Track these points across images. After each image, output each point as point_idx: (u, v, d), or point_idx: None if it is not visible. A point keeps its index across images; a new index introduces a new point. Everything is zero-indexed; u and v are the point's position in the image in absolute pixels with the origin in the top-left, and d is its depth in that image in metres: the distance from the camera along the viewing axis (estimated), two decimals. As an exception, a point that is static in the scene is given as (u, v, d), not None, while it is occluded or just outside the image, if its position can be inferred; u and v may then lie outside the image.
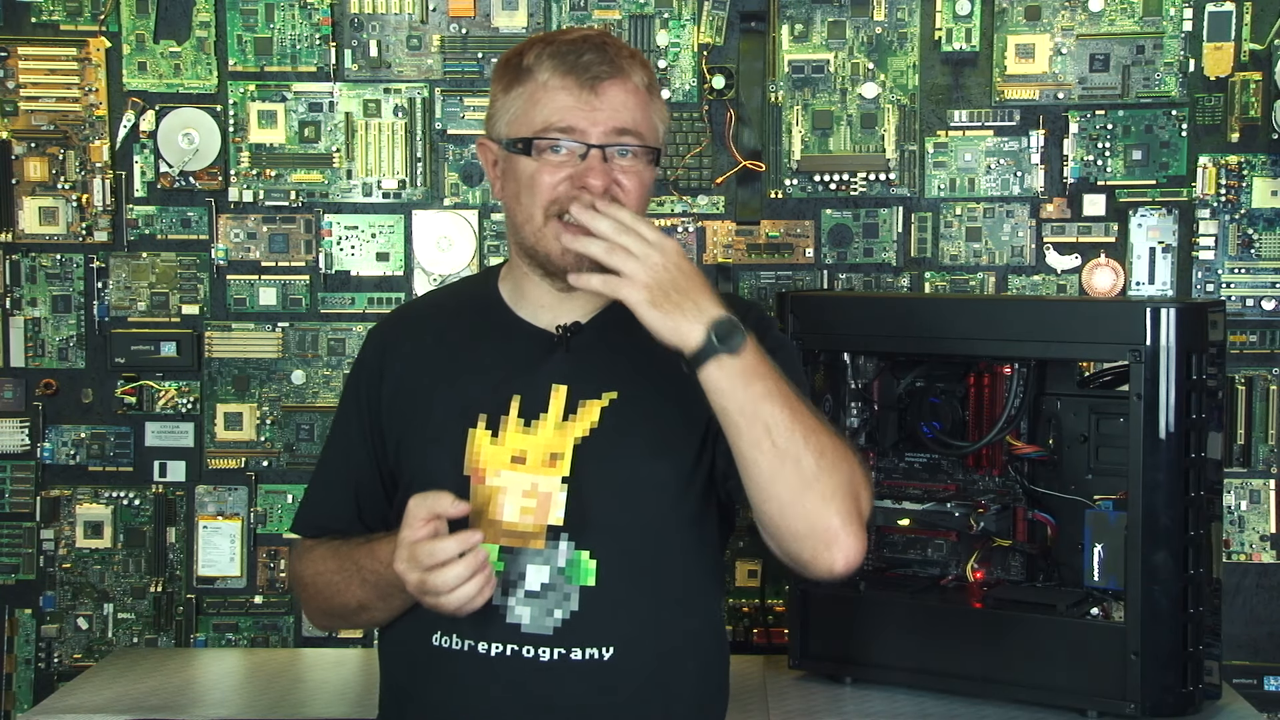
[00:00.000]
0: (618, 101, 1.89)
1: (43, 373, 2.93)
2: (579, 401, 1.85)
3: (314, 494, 2.09)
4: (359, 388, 2.04)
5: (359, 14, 2.89)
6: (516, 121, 1.91)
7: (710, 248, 2.90)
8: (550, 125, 1.88)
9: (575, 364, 1.92)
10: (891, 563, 2.65)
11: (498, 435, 1.82)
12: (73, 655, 2.96)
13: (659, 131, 1.96)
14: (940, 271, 2.88)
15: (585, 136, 1.87)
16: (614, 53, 1.91)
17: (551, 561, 1.85)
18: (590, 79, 1.88)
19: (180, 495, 2.94)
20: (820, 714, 2.41)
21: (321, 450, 2.12)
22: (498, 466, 1.81)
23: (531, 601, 1.85)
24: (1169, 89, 2.82)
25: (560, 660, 1.84)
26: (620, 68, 1.90)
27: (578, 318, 1.95)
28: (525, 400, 1.85)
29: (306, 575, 2.02)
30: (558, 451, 1.81)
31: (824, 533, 1.77)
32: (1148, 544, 2.28)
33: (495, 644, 1.85)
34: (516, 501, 1.80)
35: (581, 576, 1.85)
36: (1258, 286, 2.84)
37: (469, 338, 1.99)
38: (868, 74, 2.87)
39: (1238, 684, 2.73)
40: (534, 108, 1.89)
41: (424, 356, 1.99)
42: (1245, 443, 2.84)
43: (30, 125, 2.91)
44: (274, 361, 2.93)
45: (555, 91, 1.88)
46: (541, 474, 1.80)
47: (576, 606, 1.85)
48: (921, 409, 2.61)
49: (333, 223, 2.92)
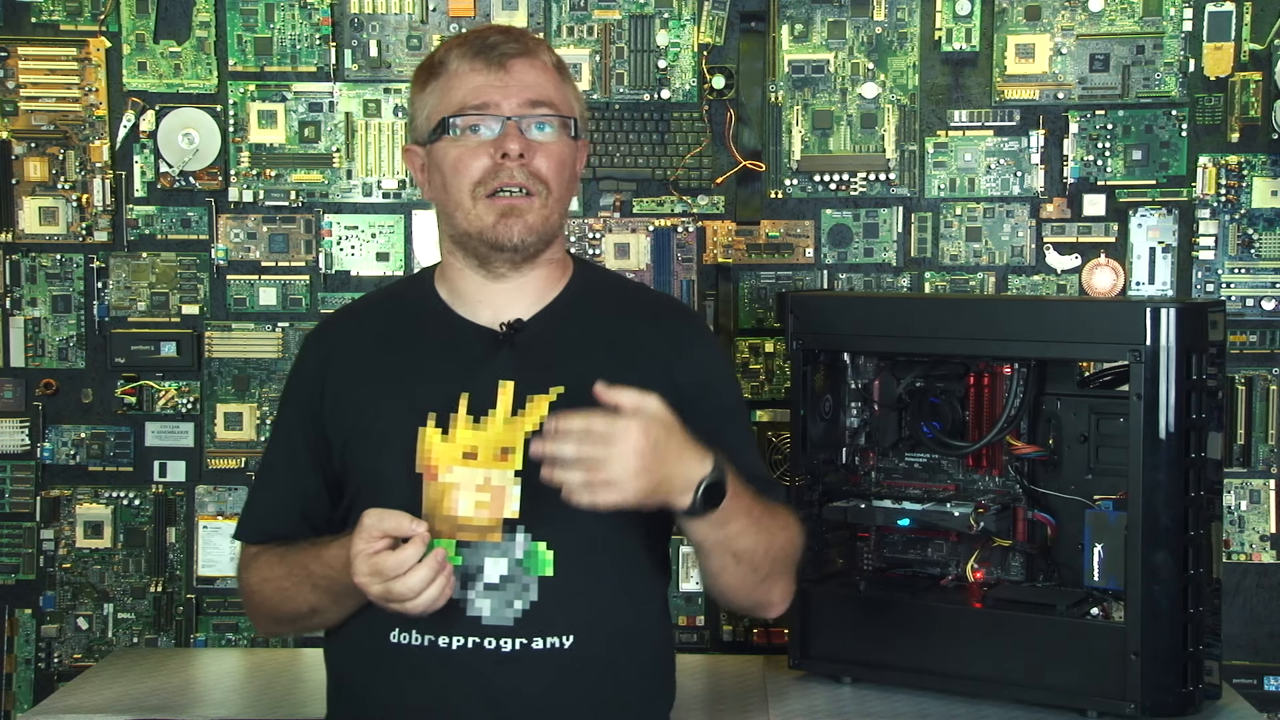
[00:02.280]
0: (529, 77, 1.94)
1: (43, 373, 2.94)
2: (527, 396, 1.85)
3: (257, 500, 2.09)
4: (299, 393, 2.05)
5: (359, 14, 2.89)
6: (434, 112, 1.96)
7: (710, 248, 2.90)
8: (465, 104, 1.93)
9: (521, 360, 1.94)
10: (891, 563, 2.65)
11: (448, 432, 1.82)
12: (73, 655, 2.96)
13: (575, 108, 1.99)
14: (940, 271, 2.88)
15: (499, 109, 1.92)
16: (519, 34, 1.99)
17: (509, 554, 1.87)
18: (499, 56, 1.93)
19: (180, 495, 2.94)
20: (820, 714, 2.41)
21: (262, 456, 2.13)
22: (449, 463, 1.81)
23: (491, 594, 1.87)
24: (1169, 89, 2.82)
25: (522, 650, 1.86)
26: (527, 47, 1.97)
27: (519, 314, 1.97)
28: (474, 397, 1.84)
29: (253, 582, 2.03)
30: (509, 446, 1.81)
31: (764, 606, 2.01)
32: (1148, 544, 2.28)
33: (456, 638, 1.87)
34: (471, 496, 1.81)
35: (539, 567, 1.87)
36: (1258, 286, 2.84)
37: (412, 338, 2.01)
38: (868, 74, 2.87)
39: (1238, 684, 2.73)
40: (449, 94, 1.95)
41: (366, 359, 2.00)
42: (1245, 443, 2.84)
43: (30, 125, 2.91)
44: (274, 361, 2.93)
45: (466, 75, 1.94)
46: (494, 468, 1.81)
47: (536, 597, 1.87)
48: (921, 409, 2.61)
49: (333, 223, 2.92)
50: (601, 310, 2.03)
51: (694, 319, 2.11)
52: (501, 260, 1.95)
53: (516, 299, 1.98)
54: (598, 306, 2.03)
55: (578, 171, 2.02)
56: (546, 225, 1.94)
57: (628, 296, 2.10)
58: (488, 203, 1.92)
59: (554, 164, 1.94)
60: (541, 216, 1.93)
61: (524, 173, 1.91)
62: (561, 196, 1.96)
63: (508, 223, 1.92)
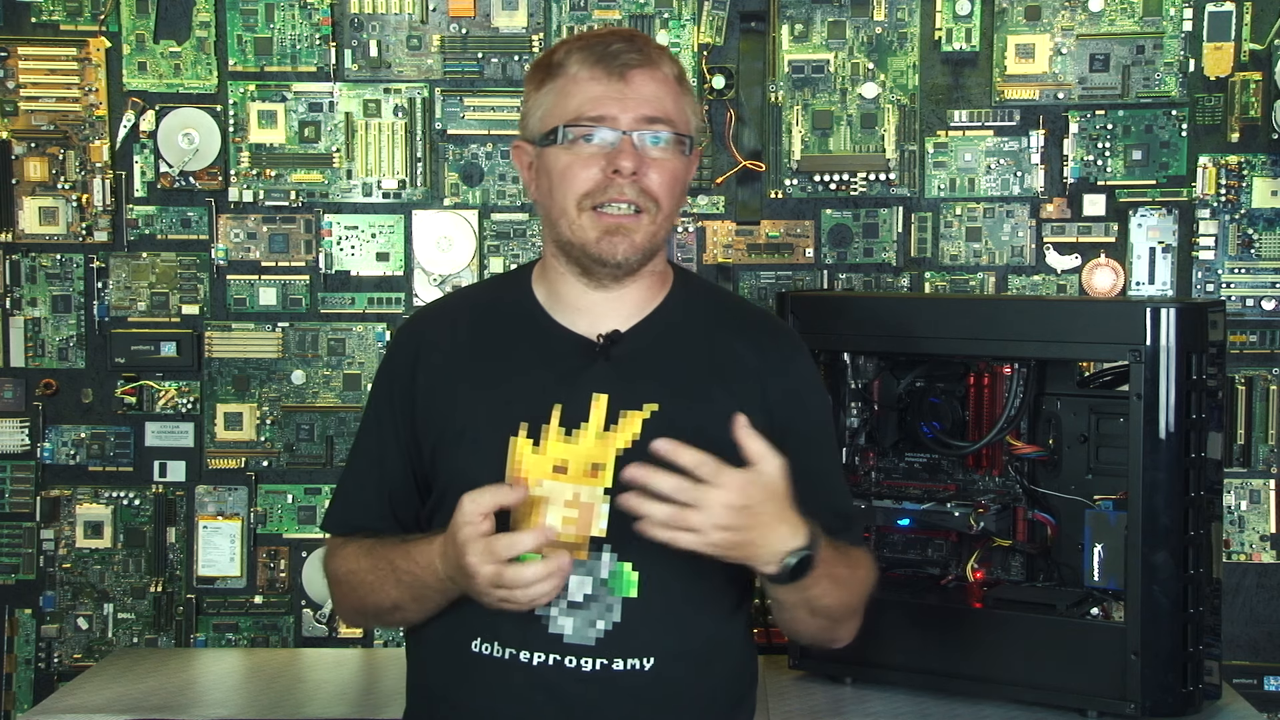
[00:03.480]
0: (648, 90, 1.89)
1: (43, 373, 2.94)
2: (620, 412, 1.82)
3: (345, 492, 2.06)
4: (390, 387, 2.01)
5: (359, 14, 2.89)
6: (549, 116, 1.91)
7: (710, 248, 2.90)
8: (581, 114, 1.88)
9: (616, 373, 1.90)
10: (891, 563, 2.65)
11: (539, 444, 1.79)
12: (73, 655, 2.96)
13: (691, 123, 1.95)
14: (940, 271, 2.88)
15: (616, 123, 1.88)
16: (642, 43, 1.92)
17: (594, 573, 1.85)
18: (620, 66, 1.88)
19: (180, 495, 2.94)
20: (820, 714, 2.41)
21: (352, 447, 2.10)
22: (540, 476, 1.78)
23: (574, 612, 1.85)
24: (1169, 89, 2.83)
25: (602, 670, 1.84)
26: (650, 57, 1.91)
27: (617, 325, 1.94)
28: (566, 409, 1.81)
29: (340, 573, 2.00)
30: (599, 462, 1.78)
31: (831, 643, 2.04)
32: (1148, 544, 2.28)
33: (538, 653, 1.84)
34: (559, 511, 1.78)
35: (624, 588, 1.85)
36: (1258, 286, 2.84)
37: (506, 341, 1.97)
38: (868, 74, 2.87)
39: (1238, 684, 2.74)
40: (565, 100, 1.90)
41: (459, 358, 1.97)
42: (1245, 443, 2.84)
43: (30, 125, 2.91)
44: (274, 361, 2.93)
45: (585, 82, 1.89)
46: (584, 484, 1.78)
47: (619, 618, 1.85)
48: (921, 409, 2.61)
49: (333, 223, 2.92)
50: (698, 325, 1.98)
51: (791, 337, 2.06)
52: (604, 273, 1.91)
53: (615, 309, 1.94)
54: (695, 321, 1.99)
55: (688, 184, 1.98)
56: (653, 243, 1.91)
57: (724, 309, 2.06)
58: (593, 215, 1.88)
59: (666, 180, 1.89)
60: (649, 234, 1.89)
61: (635, 189, 1.87)
62: (670, 213, 1.92)
63: (612, 240, 1.88)
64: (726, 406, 1.83)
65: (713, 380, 1.92)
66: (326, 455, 2.91)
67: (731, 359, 1.95)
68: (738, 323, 2.02)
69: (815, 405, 2.02)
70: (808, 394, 2.01)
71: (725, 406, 1.84)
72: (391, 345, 2.07)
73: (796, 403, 1.97)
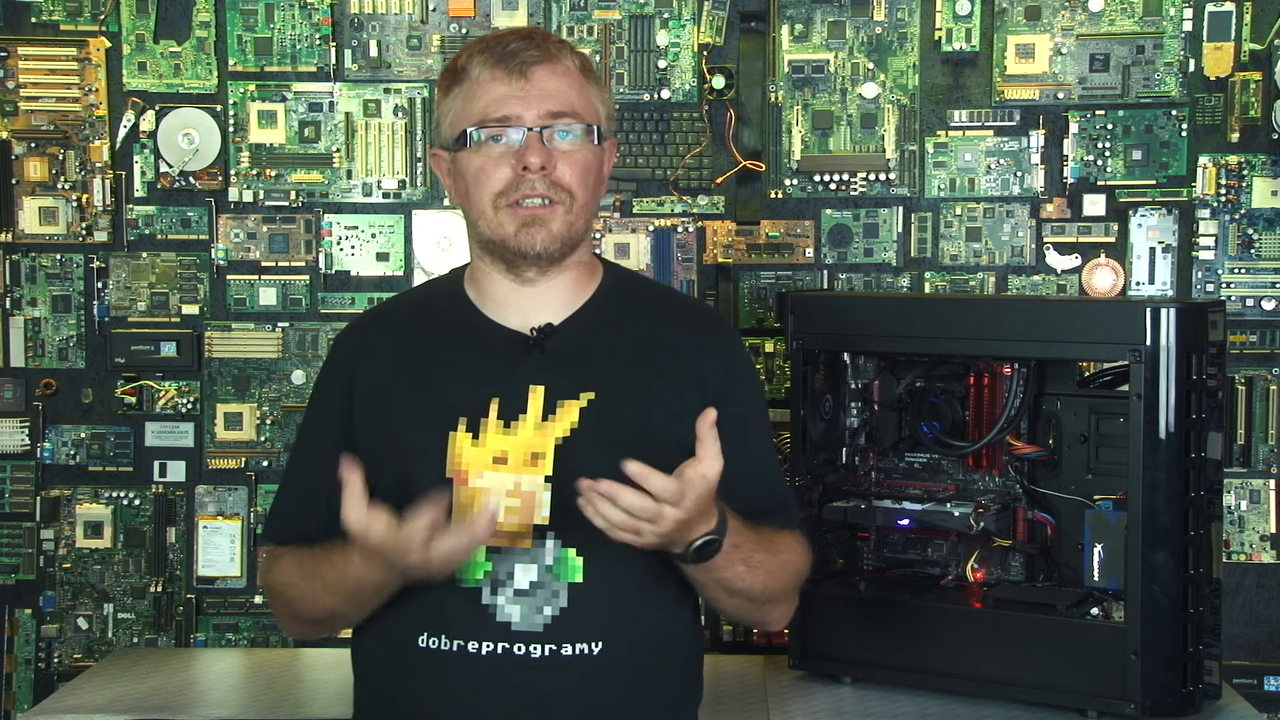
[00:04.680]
0: (550, 85, 1.93)
1: (43, 373, 2.94)
2: (557, 402, 1.86)
3: (283, 502, 2.08)
4: (329, 394, 2.04)
5: (359, 14, 2.89)
6: (457, 120, 1.96)
7: (710, 248, 2.90)
8: (487, 115, 1.92)
9: (551, 365, 1.93)
10: (891, 563, 2.65)
11: (478, 437, 1.82)
12: (73, 655, 2.96)
13: (600, 112, 1.98)
14: (940, 271, 2.88)
15: (520, 120, 1.91)
16: (541, 39, 1.96)
17: (539, 560, 1.87)
18: (519, 64, 1.92)
19: (180, 495, 2.94)
20: (820, 714, 2.41)
21: (289, 458, 2.12)
22: (480, 467, 1.81)
23: (521, 600, 1.87)
24: (1169, 89, 2.82)
25: (551, 656, 1.86)
26: (549, 52, 1.94)
27: (549, 318, 1.97)
28: (504, 402, 1.85)
29: (274, 584, 2.02)
30: (539, 451, 1.82)
31: (761, 624, 2.09)
32: (1148, 544, 2.28)
33: (485, 643, 1.87)
34: (501, 501, 1.81)
35: (569, 574, 1.87)
36: (1258, 286, 2.84)
37: (442, 341, 2.00)
38: (868, 74, 2.87)
39: (1238, 684, 2.73)
40: (471, 103, 1.94)
41: (395, 361, 1.99)
42: (1245, 443, 2.84)
43: (30, 125, 2.91)
44: (274, 361, 2.93)
45: (488, 84, 1.93)
46: (524, 473, 1.81)
47: (565, 603, 1.87)
48: (921, 409, 2.61)
49: (333, 223, 2.92)
50: (630, 314, 2.02)
51: (721, 323, 2.12)
52: (527, 265, 1.95)
53: (545, 303, 1.98)
54: (626, 310, 2.02)
55: (604, 174, 2.01)
56: (570, 232, 1.93)
57: (656, 300, 2.10)
58: (509, 212, 1.91)
59: (577, 172, 1.93)
60: (565, 224, 1.92)
61: (545, 183, 1.91)
62: (586, 202, 1.95)
63: (530, 232, 1.91)
64: (661, 393, 1.91)
65: (647, 368, 1.95)
66: (326, 455, 2.91)
67: (665, 346, 1.98)
68: (669, 311, 2.06)
69: (749, 389, 2.05)
70: (742, 378, 2.03)
71: (660, 393, 1.91)
72: (329, 354, 2.09)
73: (731, 386, 1.99)
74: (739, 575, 1.89)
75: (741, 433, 1.94)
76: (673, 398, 1.92)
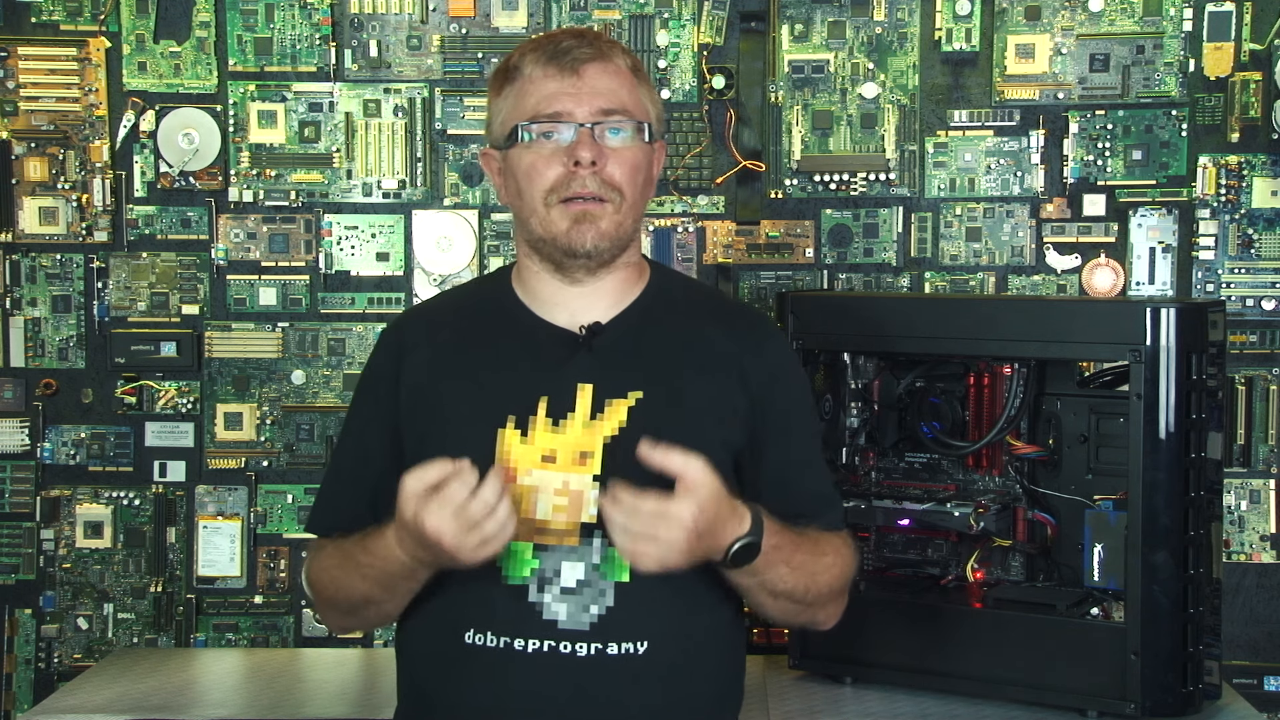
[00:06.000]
0: (602, 83, 1.93)
1: (43, 373, 2.94)
2: (605, 400, 1.86)
3: (328, 494, 2.08)
4: (374, 388, 2.03)
5: (359, 14, 2.89)
6: (509, 119, 1.96)
7: (710, 248, 2.90)
8: (539, 112, 1.93)
9: (599, 363, 1.93)
10: (891, 563, 2.65)
11: (527, 435, 1.83)
12: (73, 655, 2.96)
13: (650, 111, 1.99)
14: (940, 271, 2.88)
15: (572, 117, 1.92)
16: (593, 38, 1.97)
17: (586, 558, 1.87)
18: (571, 62, 1.93)
19: (180, 495, 2.94)
20: (820, 714, 2.41)
21: (334, 450, 2.11)
22: (529, 465, 1.82)
23: (567, 598, 1.87)
24: (1169, 89, 2.83)
25: (597, 655, 1.86)
26: (601, 51, 1.95)
27: (597, 317, 1.97)
28: (552, 400, 1.86)
29: (314, 572, 2.03)
30: (587, 450, 1.83)
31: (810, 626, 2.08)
32: (1148, 544, 2.28)
33: (532, 640, 1.86)
34: (549, 500, 1.82)
35: (616, 572, 1.87)
36: (1258, 286, 2.84)
37: (490, 338, 2.00)
38: (868, 74, 2.87)
39: (1238, 684, 2.74)
40: (523, 100, 1.95)
41: (443, 356, 1.99)
42: (1245, 443, 2.84)
43: (30, 125, 2.91)
44: (274, 361, 2.93)
45: (540, 81, 1.94)
46: (572, 472, 1.82)
47: (612, 602, 1.87)
48: (921, 409, 2.61)
49: (333, 223, 2.92)
50: (677, 314, 2.02)
51: (767, 323, 2.14)
52: (576, 265, 1.95)
53: (594, 302, 1.98)
54: (673, 310, 2.02)
55: (654, 175, 2.01)
56: (620, 231, 1.94)
57: (702, 300, 2.11)
58: (561, 208, 1.92)
59: (627, 170, 1.93)
60: (615, 223, 1.93)
61: (596, 180, 1.91)
62: (635, 202, 1.96)
63: (580, 229, 1.91)
64: (708, 394, 1.92)
65: (694, 368, 1.95)
66: (326, 455, 2.90)
67: (710, 346, 1.99)
68: (714, 311, 2.07)
69: (794, 388, 2.05)
70: (786, 377, 2.04)
71: (706, 394, 1.92)
72: (375, 348, 2.09)
73: (775, 386, 2.00)
74: (781, 577, 1.89)
75: (785, 434, 1.96)
76: (719, 398, 1.93)
